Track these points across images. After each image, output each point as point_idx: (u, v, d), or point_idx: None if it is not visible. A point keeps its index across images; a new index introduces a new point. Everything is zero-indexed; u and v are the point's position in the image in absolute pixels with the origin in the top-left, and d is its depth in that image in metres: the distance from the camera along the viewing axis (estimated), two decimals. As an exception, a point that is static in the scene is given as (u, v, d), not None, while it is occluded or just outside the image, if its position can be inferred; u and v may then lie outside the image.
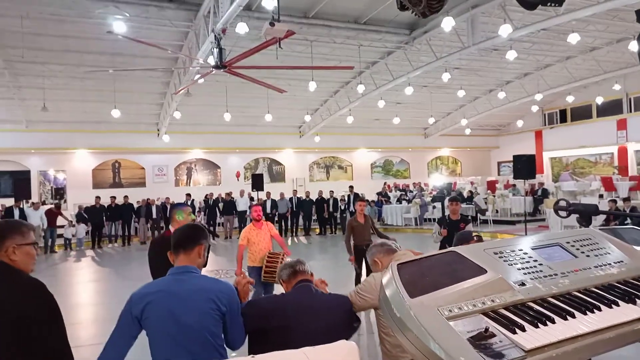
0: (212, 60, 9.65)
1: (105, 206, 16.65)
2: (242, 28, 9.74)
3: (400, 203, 19.29)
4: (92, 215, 16.29)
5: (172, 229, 3.68)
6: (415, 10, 2.54)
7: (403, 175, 26.11)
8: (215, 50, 9.40)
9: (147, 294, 2.11)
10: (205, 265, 2.37)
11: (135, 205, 17.09)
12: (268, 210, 17.59)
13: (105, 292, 9.45)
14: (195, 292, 2.10)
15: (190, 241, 2.23)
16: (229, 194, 18.12)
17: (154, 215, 16.94)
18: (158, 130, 20.02)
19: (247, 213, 17.75)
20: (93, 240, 16.14)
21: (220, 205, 17.68)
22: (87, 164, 19.97)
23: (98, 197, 16.74)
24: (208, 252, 2.37)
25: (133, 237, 17.13)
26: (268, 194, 17.92)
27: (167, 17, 11.49)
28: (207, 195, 18.43)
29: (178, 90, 13.64)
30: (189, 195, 18.30)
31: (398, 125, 22.08)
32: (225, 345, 2.19)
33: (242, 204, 17.83)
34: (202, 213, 17.94)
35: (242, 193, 18.30)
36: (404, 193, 20.77)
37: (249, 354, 1.95)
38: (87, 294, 9.65)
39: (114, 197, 16.98)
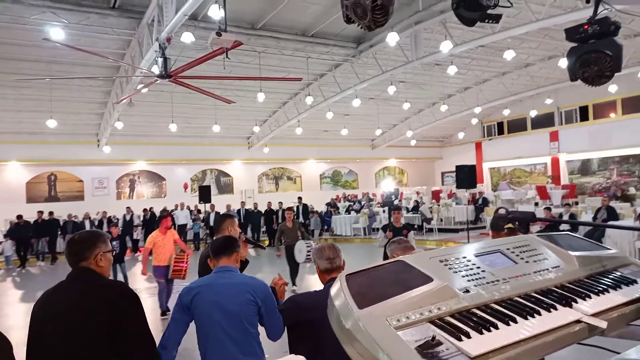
0: (156, 70, 9.39)
1: (31, 222, 15.63)
2: (187, 37, 9.55)
3: (349, 213, 19.49)
4: (16, 232, 15.26)
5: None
6: (361, 23, 2.59)
7: (352, 185, 26.44)
8: (160, 60, 9.16)
9: (194, 287, 2.54)
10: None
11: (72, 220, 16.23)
12: (212, 223, 17.17)
13: (21, 314, 8.79)
14: (236, 285, 2.53)
15: (230, 249, 2.69)
16: (165, 209, 17.60)
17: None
18: (98, 141, 19.18)
19: (188, 227, 17.29)
20: (19, 258, 15.14)
21: (157, 219, 17.07)
22: (21, 177, 18.78)
23: (20, 215, 15.57)
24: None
25: (60, 254, 16.05)
26: (212, 206, 17.56)
27: (109, 25, 11.09)
28: (144, 209, 17.76)
29: (120, 100, 13.16)
30: (128, 208, 17.58)
31: (346, 136, 22.39)
32: (267, 337, 2.58)
33: (182, 218, 17.33)
34: (140, 227, 17.17)
35: (182, 206, 17.81)
36: (352, 203, 21.01)
37: (289, 348, 2.52)
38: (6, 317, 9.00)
39: (40, 212, 15.99)
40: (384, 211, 18.52)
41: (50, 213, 16.06)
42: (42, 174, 19.18)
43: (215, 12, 8.18)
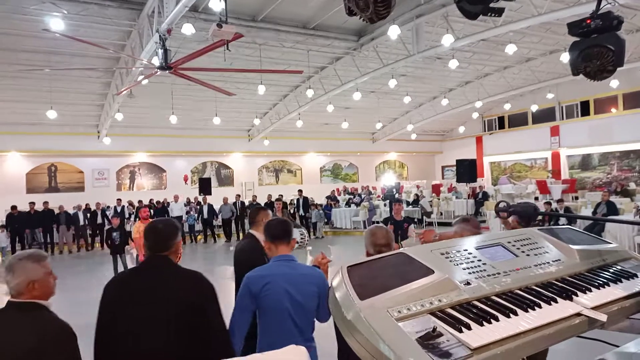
0: (156, 61, 9.36)
1: (25, 213, 15.55)
2: (188, 29, 9.51)
3: (349, 206, 19.51)
4: (10, 223, 15.18)
5: (253, 231, 3.65)
6: (363, 15, 2.58)
7: (352, 179, 26.44)
8: (160, 51, 9.13)
9: (264, 275, 2.51)
10: None
11: (71, 212, 16.22)
12: (205, 215, 17.16)
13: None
14: (303, 276, 2.54)
15: (289, 234, 2.67)
16: (158, 202, 17.58)
17: (81, 222, 16.08)
18: (98, 132, 19.15)
19: (184, 219, 17.27)
20: (13, 249, 15.13)
21: (152, 211, 17.07)
22: (21, 168, 18.77)
23: (14, 206, 15.50)
24: None
25: (56, 245, 16.11)
26: (205, 199, 17.54)
27: (108, 16, 11.03)
28: (139, 201, 17.74)
29: (120, 91, 13.12)
30: (119, 200, 17.55)
31: (347, 129, 22.36)
32: (317, 319, 2.61)
33: (176, 210, 17.32)
34: (132, 219, 17.15)
35: (176, 198, 17.80)
36: (352, 197, 21.02)
37: (335, 329, 2.41)
38: None
39: (32, 203, 15.86)
40: (385, 204, 18.53)
41: (45, 203, 16.01)
42: (42, 164, 19.18)
43: (216, 4, 8.14)
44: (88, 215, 16.53)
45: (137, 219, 16.92)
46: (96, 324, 2.13)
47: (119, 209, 16.90)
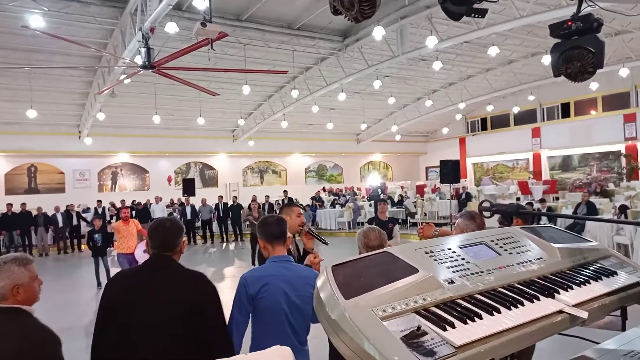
0: (139, 60, 9.24)
1: (1, 215, 15.24)
2: (171, 28, 9.42)
3: (334, 207, 19.53)
4: None
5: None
6: (348, 14, 2.58)
7: (337, 179, 26.48)
8: (143, 50, 9.02)
9: (262, 276, 2.46)
10: None
11: (53, 213, 15.93)
12: (189, 216, 17.04)
13: None
14: (300, 278, 2.49)
15: (284, 234, 2.60)
16: (140, 203, 17.40)
17: (61, 224, 15.80)
18: (79, 132, 18.84)
19: None
20: None
21: (133, 212, 16.87)
22: (-1, 168, 18.40)
23: None
24: None
25: (34, 248, 15.75)
26: (187, 199, 17.40)
27: (90, 13, 10.86)
28: (122, 201, 17.53)
29: (102, 91, 12.92)
30: (99, 201, 17.30)
31: (331, 130, 22.39)
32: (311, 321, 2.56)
33: (158, 211, 17.15)
34: (114, 220, 16.88)
35: (157, 199, 17.62)
36: (337, 197, 21.06)
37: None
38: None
39: (10, 205, 15.56)
40: (370, 205, 18.60)
41: (22, 205, 15.69)
42: (21, 165, 18.80)
43: (200, 3, 8.08)
44: (66, 216, 16.24)
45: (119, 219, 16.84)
46: (96, 322, 2.10)
47: (99, 210, 16.65)
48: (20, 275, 1.93)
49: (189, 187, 17.74)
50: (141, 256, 7.70)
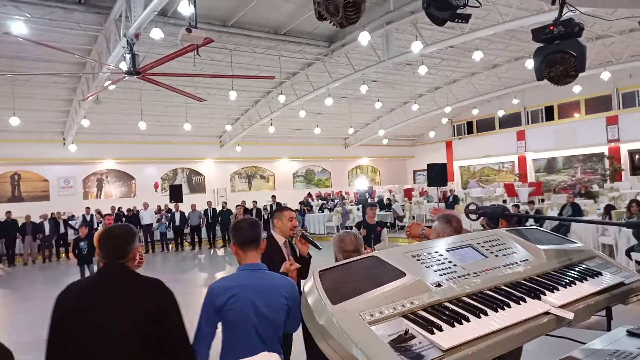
0: (124, 66, 9.16)
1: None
2: (156, 34, 9.35)
3: (323, 212, 19.52)
4: None
5: (274, 232, 3.58)
6: (333, 20, 2.59)
7: (325, 184, 26.49)
8: (128, 56, 8.95)
9: (229, 287, 2.34)
10: None
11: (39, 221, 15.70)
12: (177, 222, 16.95)
13: None
14: (271, 288, 2.37)
15: (257, 237, 2.47)
16: (129, 210, 17.25)
17: (47, 232, 15.57)
18: (64, 139, 18.60)
19: (153, 227, 17.02)
20: None
21: (123, 219, 16.71)
22: (-19, 177, 18.07)
23: None
24: None
25: (18, 257, 15.53)
26: (177, 206, 17.31)
27: (74, 20, 10.75)
28: (112, 207, 17.36)
29: (86, 97, 12.79)
30: (88, 209, 17.11)
31: (319, 135, 22.41)
32: (284, 329, 2.47)
33: (146, 218, 17.01)
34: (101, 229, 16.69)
35: (146, 206, 17.48)
36: (325, 202, 21.05)
37: (304, 339, 2.54)
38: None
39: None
40: (358, 209, 18.63)
41: (8, 213, 15.45)
42: (4, 173, 18.49)
43: (185, 8, 8.05)
44: (53, 224, 16.01)
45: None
46: (47, 337, 1.99)
47: (88, 218, 16.45)
48: None
49: (176, 194, 17.59)
50: None
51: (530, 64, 13.46)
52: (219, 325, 2.36)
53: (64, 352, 1.96)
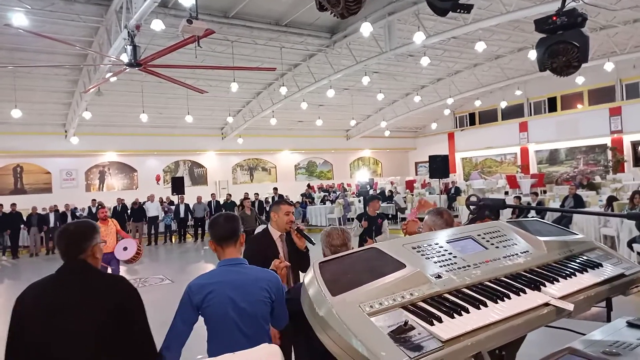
0: (125, 58, 9.14)
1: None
2: (157, 25, 9.31)
3: (324, 204, 19.54)
4: None
5: (270, 226, 3.55)
6: (334, 11, 2.57)
7: (327, 176, 26.49)
8: (129, 48, 8.92)
9: (206, 284, 2.29)
10: None
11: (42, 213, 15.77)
12: (182, 214, 17.02)
13: None
14: (251, 281, 2.32)
15: (235, 233, 2.42)
16: (135, 202, 17.29)
17: (52, 224, 15.63)
18: (66, 131, 18.61)
19: (160, 219, 17.08)
20: None
21: (129, 211, 16.77)
22: (-16, 169, 18.11)
23: None
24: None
25: (22, 249, 15.60)
26: (181, 198, 17.36)
27: (75, 11, 10.71)
28: (119, 199, 17.41)
29: (88, 89, 12.78)
30: (94, 200, 17.14)
31: (321, 127, 22.37)
32: (272, 325, 2.45)
33: (152, 210, 17.06)
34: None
35: (151, 198, 17.52)
36: (327, 194, 21.06)
37: (295, 335, 2.56)
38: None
39: (0, 205, 15.33)
40: (359, 201, 18.64)
41: (13, 205, 15.51)
42: (7, 165, 18.53)
43: (186, 0, 8.01)
44: (60, 216, 16.08)
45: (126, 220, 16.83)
46: (7, 339, 1.93)
47: (94, 210, 16.52)
48: None
49: (178, 186, 17.62)
50: (121, 254, 7.76)
51: (533, 54, 13.38)
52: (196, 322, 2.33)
53: (23, 354, 1.92)
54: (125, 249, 7.79)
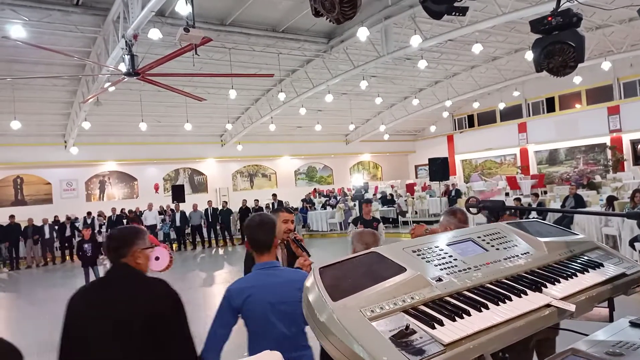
0: (123, 67, 9.17)
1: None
2: (155, 34, 9.36)
3: (325, 209, 19.52)
4: None
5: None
6: (330, 16, 2.58)
7: (327, 181, 26.49)
8: (127, 57, 8.95)
9: (245, 288, 2.37)
10: None
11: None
12: (178, 223, 17.01)
13: None
14: (287, 283, 2.37)
15: (268, 240, 2.47)
16: (131, 211, 17.30)
17: (47, 235, 15.60)
18: (65, 142, 18.64)
19: (158, 227, 17.06)
20: None
21: (125, 221, 16.74)
22: (-16, 181, 18.11)
23: None
24: None
25: (22, 260, 15.58)
26: (177, 206, 17.35)
27: (72, 22, 10.76)
28: (113, 209, 17.42)
29: (86, 99, 12.81)
30: (89, 213, 17.19)
31: (320, 132, 22.39)
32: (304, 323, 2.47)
33: (150, 218, 17.05)
34: (105, 230, 16.69)
35: (150, 207, 17.51)
36: (328, 199, 21.05)
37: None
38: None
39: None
40: (354, 205, 18.65)
41: (11, 217, 15.51)
42: (7, 177, 18.54)
43: (183, 8, 8.03)
44: (56, 227, 16.06)
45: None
46: (59, 340, 2.03)
47: (88, 221, 16.51)
48: None
49: (178, 194, 17.63)
50: (154, 264, 7.66)
51: (530, 55, 13.37)
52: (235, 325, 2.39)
53: (69, 349, 2.00)
54: (157, 258, 7.57)
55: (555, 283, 1.23)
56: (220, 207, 18.05)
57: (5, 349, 1.83)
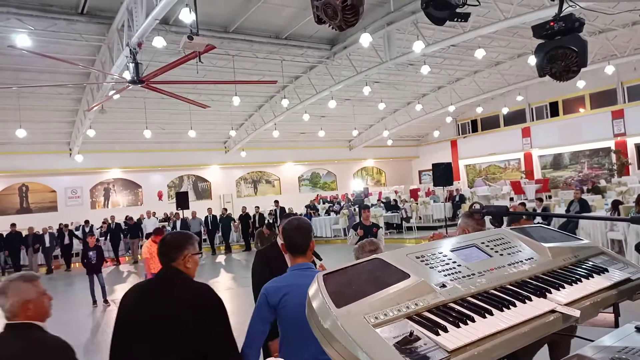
0: (127, 75, 9.23)
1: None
2: (159, 42, 9.42)
3: (329, 215, 19.50)
4: None
5: (278, 240, 3.62)
6: (332, 23, 2.60)
7: (330, 187, 26.48)
8: (131, 65, 9.01)
9: (281, 287, 2.40)
10: None
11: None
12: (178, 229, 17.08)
13: None
14: None
15: (305, 245, 2.50)
16: (131, 218, 17.36)
17: (47, 244, 15.63)
18: (70, 149, 18.74)
19: None
20: None
21: (124, 229, 16.80)
22: (-11, 189, 18.21)
23: None
24: None
25: (24, 267, 15.52)
26: (177, 214, 17.38)
27: (77, 31, 10.85)
28: (105, 219, 17.52)
29: (91, 107, 12.89)
30: (87, 221, 17.27)
31: (323, 138, 22.42)
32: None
33: (150, 226, 17.07)
34: (104, 238, 16.68)
35: (149, 214, 17.54)
36: (331, 205, 21.03)
37: None
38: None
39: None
40: (354, 210, 18.62)
41: (12, 225, 15.56)
42: (12, 185, 18.64)
43: (187, 16, 8.09)
44: (56, 235, 16.10)
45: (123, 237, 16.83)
46: (112, 336, 2.18)
47: (87, 229, 16.56)
48: (29, 291, 1.99)
49: (182, 201, 17.66)
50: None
51: (533, 60, 13.37)
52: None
53: (119, 352, 2.13)
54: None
55: (560, 289, 1.23)
56: (220, 214, 18.07)
57: (61, 345, 1.93)
